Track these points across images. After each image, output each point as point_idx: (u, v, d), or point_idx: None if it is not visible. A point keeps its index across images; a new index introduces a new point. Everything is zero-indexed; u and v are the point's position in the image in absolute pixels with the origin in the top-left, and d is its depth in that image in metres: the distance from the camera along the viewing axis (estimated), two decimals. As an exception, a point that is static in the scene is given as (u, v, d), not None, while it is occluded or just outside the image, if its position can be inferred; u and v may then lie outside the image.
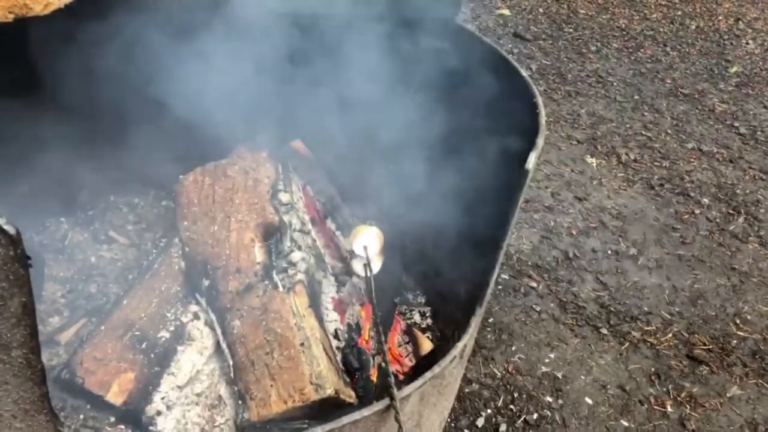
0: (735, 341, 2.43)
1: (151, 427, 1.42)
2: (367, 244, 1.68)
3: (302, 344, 1.44)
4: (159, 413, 1.44)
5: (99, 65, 1.60)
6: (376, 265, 1.71)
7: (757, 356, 2.37)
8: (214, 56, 1.61)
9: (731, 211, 3.22)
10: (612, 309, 2.49)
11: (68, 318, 1.71)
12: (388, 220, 1.98)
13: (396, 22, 1.72)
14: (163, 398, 1.46)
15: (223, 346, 1.50)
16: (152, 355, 1.51)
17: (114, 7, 1.46)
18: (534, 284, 2.55)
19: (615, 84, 4.44)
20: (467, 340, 1.29)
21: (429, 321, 2.01)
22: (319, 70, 1.86)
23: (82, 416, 1.47)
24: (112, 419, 1.47)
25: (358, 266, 1.71)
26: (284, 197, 1.76)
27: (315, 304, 1.59)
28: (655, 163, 3.56)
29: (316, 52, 1.80)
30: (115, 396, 1.43)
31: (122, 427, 1.45)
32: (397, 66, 1.81)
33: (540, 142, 1.20)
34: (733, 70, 4.94)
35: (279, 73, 1.85)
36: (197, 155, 1.85)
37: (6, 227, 0.65)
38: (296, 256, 1.65)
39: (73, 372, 1.44)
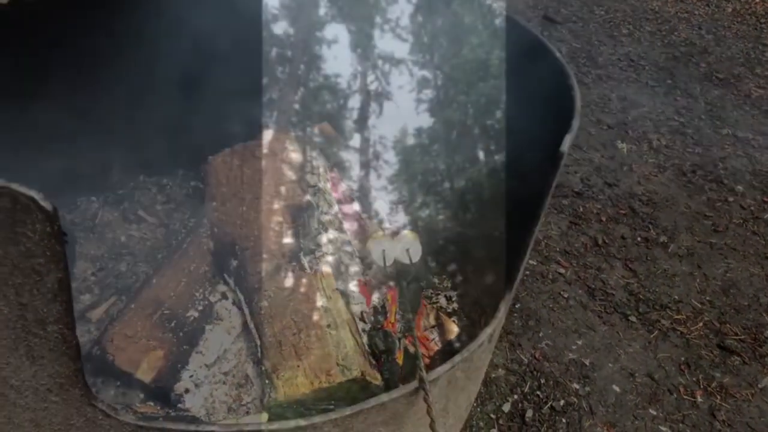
0: (768, 332, 2.38)
1: (179, 404, 1.43)
2: (410, 249, 1.69)
3: (329, 325, 1.44)
4: (187, 391, 1.45)
5: (129, 43, 1.61)
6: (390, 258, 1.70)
7: (790, 347, 2.32)
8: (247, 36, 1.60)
9: (766, 199, 3.13)
10: (641, 297, 2.45)
11: (99, 296, 1.73)
12: (415, 205, 1.97)
13: None
14: (191, 376, 1.48)
15: (251, 326, 1.51)
16: (181, 334, 1.53)
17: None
18: (562, 270, 2.52)
19: (647, 68, 4.34)
20: (496, 324, 1.28)
21: (455, 305, 2.00)
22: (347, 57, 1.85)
23: (112, 392, 1.49)
24: (142, 396, 1.48)
25: (376, 248, 1.69)
26: (312, 179, 1.76)
27: (341, 286, 1.59)
28: (688, 149, 3.48)
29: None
30: (144, 373, 1.45)
31: (151, 403, 1.47)
32: (424, 46, 1.79)
33: (575, 124, 1.17)
34: (771, 54, 4.79)
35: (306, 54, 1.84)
36: (226, 136, 1.86)
37: (43, 204, 0.66)
38: (323, 238, 1.65)
39: (104, 349, 1.46)
